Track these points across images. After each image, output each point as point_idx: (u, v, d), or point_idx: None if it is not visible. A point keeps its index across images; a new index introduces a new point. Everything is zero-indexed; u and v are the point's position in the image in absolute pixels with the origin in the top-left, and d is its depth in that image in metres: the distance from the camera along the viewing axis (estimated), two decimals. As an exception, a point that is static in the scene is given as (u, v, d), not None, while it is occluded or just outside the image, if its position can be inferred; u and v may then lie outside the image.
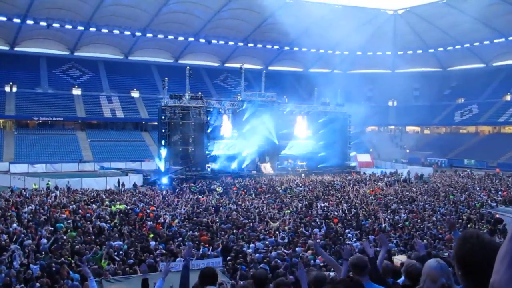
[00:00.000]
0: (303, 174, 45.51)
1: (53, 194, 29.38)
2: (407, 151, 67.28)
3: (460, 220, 20.40)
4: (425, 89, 76.35)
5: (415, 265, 4.49)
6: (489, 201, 27.24)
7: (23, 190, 30.99)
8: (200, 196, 30.61)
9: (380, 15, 73.18)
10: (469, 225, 19.24)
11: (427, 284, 2.89)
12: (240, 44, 75.88)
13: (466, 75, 76.19)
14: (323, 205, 25.97)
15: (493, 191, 32.33)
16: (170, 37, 70.44)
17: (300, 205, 25.91)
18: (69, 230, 18.31)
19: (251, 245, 15.70)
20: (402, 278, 4.86)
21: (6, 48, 65.21)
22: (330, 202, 27.23)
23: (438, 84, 75.08)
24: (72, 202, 25.74)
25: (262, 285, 5.03)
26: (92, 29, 65.25)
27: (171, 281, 9.35)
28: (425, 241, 15.20)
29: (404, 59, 78.69)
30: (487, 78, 72.17)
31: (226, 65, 78.91)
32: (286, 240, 16.60)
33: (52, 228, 18.47)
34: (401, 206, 25.43)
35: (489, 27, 66.78)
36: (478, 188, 34.13)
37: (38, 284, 10.89)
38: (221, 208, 24.44)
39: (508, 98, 70.27)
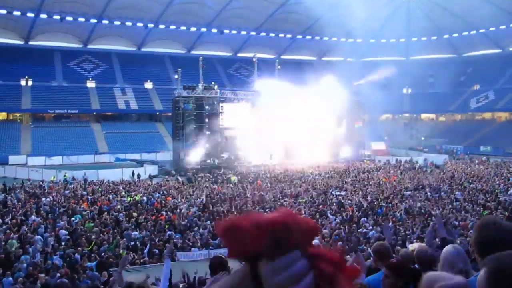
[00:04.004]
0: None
1: (71, 186, 29.76)
2: (422, 138, 66.72)
3: (477, 208, 20.28)
4: (440, 76, 75.37)
5: (426, 250, 4.49)
6: (506, 188, 27.00)
7: (41, 182, 31.41)
8: (215, 186, 30.77)
9: (393, 1, 72.38)
10: (485, 213, 19.11)
11: (445, 269, 2.92)
12: (253, 33, 75.60)
13: (482, 61, 75.10)
14: (338, 193, 25.95)
15: (510, 178, 32.02)
16: (182, 28, 70.41)
17: (315, 194, 25.91)
18: (86, 222, 18.57)
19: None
20: None
21: (21, 42, 65.69)
22: (346, 190, 27.23)
23: (453, 71, 74.03)
24: (90, 194, 26.05)
25: None
26: (105, 22, 65.47)
27: (188, 268, 9.48)
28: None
29: (419, 46, 77.86)
30: (503, 64, 71.01)
31: (239, 55, 78.70)
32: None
33: (70, 219, 18.76)
34: (417, 194, 25.32)
35: (505, 11, 65.64)
36: (494, 175, 33.78)
37: (58, 274, 11.09)
38: (236, 198, 24.56)
39: (525, 83, 69.27)
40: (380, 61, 77.95)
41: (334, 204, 22.45)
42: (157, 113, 65.42)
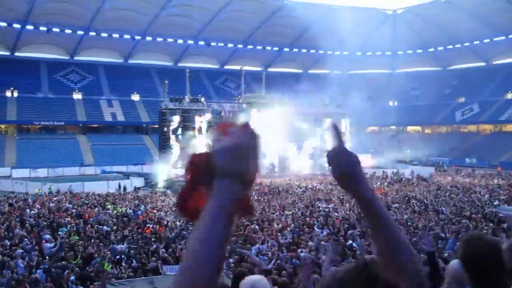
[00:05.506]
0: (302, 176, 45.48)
1: (55, 199, 29.43)
2: (408, 151, 67.17)
3: (462, 220, 20.36)
4: (425, 89, 76.24)
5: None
6: (491, 200, 27.19)
7: (25, 195, 31.02)
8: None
9: (379, 15, 73.30)
10: (471, 224, 19.20)
11: (454, 286, 2.87)
12: (240, 46, 75.98)
13: (467, 74, 76.19)
14: (324, 205, 25.95)
15: (495, 190, 32.29)
16: (170, 40, 70.61)
17: (302, 206, 25.90)
18: (72, 234, 18.34)
19: (254, 247, 15.68)
20: None
21: (7, 53, 65.32)
22: (332, 202, 27.24)
23: (438, 84, 74.94)
24: (75, 206, 25.78)
25: None
26: (92, 33, 65.49)
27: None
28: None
29: (404, 59, 78.74)
30: (487, 77, 72.04)
31: (226, 67, 78.95)
32: (287, 241, 16.56)
33: (55, 232, 18.51)
34: (403, 206, 25.40)
35: (489, 25, 66.78)
36: (479, 187, 34.06)
37: (42, 289, 10.90)
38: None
39: (509, 96, 70.13)
40: (366, 74, 78.77)
41: (321, 217, 22.42)
42: (144, 125, 65.16)
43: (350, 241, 16.80)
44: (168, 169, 42.77)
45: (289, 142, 48.75)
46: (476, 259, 2.11)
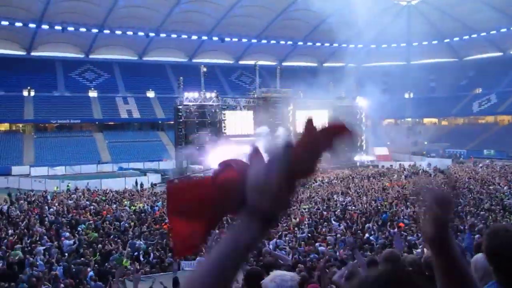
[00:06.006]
0: (320, 169, 45.30)
1: (74, 196, 29.74)
2: (425, 143, 66.58)
3: (482, 212, 20.14)
4: (442, 80, 75.42)
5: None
6: (511, 192, 26.84)
7: (44, 192, 31.38)
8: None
9: (394, 6, 72.53)
10: (490, 217, 18.97)
11: (486, 279, 2.83)
12: (254, 41, 75.88)
13: (483, 65, 75.12)
14: (342, 199, 25.87)
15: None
16: (184, 36, 70.73)
17: (319, 200, 25.84)
18: (90, 231, 18.52)
19: (271, 241, 15.66)
20: None
21: (23, 53, 65.99)
22: (349, 196, 27.14)
23: (454, 75, 74.01)
24: (94, 203, 26.03)
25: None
26: (106, 31, 65.86)
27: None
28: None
29: (420, 50, 77.89)
30: (505, 67, 70.94)
31: (240, 62, 78.89)
32: (305, 235, 16.53)
33: (74, 229, 18.72)
34: (421, 198, 25.14)
35: (506, 14, 65.75)
36: (498, 179, 33.61)
37: (62, 285, 11.03)
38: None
39: (527, 86, 69.16)
40: (381, 66, 78.14)
41: (339, 210, 22.36)
42: (159, 122, 65.49)
43: (367, 235, 16.74)
44: (184, 164, 42.99)
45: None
46: (503, 251, 2.07)
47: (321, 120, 1.06)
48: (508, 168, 41.28)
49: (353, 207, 23.08)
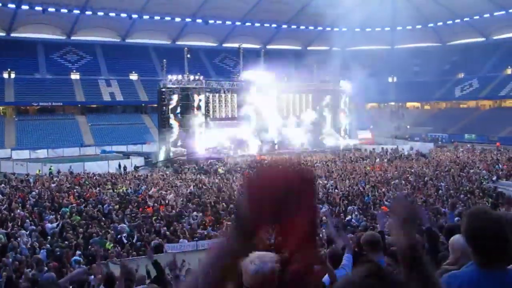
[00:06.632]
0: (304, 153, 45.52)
1: (56, 179, 29.54)
2: (408, 127, 67.19)
3: (461, 195, 20.48)
4: (425, 65, 75.84)
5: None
6: (490, 175, 27.31)
7: (26, 176, 31.11)
8: (203, 177, 30.75)
9: (379, -10, 72.44)
10: (470, 200, 19.32)
11: (463, 260, 2.89)
12: (238, 23, 75.33)
13: (466, 50, 75.71)
14: (325, 182, 26.06)
15: (493, 165, 32.37)
16: (167, 18, 69.87)
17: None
18: (73, 214, 18.46)
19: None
20: None
21: (3, 34, 64.70)
22: (332, 179, 27.35)
23: (437, 59, 74.44)
24: (76, 186, 25.89)
25: None
26: (88, 13, 64.82)
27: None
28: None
29: (404, 35, 78.10)
30: (487, 52, 71.62)
31: (224, 45, 78.32)
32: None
33: (57, 213, 18.64)
34: (403, 182, 25.51)
35: (489, 0, 66.13)
36: (478, 163, 34.10)
37: (46, 268, 11.01)
38: (223, 189, 24.57)
39: (508, 72, 69.85)
40: (365, 50, 78.28)
41: (321, 193, 22.54)
42: (143, 105, 64.96)
43: (350, 217, 16.96)
44: (168, 148, 42.87)
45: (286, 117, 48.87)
46: (480, 233, 2.13)
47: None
48: (487, 152, 41.95)
49: (336, 190, 23.29)
